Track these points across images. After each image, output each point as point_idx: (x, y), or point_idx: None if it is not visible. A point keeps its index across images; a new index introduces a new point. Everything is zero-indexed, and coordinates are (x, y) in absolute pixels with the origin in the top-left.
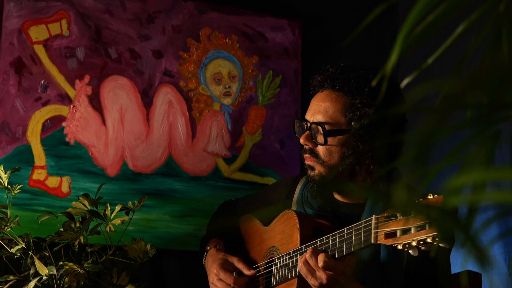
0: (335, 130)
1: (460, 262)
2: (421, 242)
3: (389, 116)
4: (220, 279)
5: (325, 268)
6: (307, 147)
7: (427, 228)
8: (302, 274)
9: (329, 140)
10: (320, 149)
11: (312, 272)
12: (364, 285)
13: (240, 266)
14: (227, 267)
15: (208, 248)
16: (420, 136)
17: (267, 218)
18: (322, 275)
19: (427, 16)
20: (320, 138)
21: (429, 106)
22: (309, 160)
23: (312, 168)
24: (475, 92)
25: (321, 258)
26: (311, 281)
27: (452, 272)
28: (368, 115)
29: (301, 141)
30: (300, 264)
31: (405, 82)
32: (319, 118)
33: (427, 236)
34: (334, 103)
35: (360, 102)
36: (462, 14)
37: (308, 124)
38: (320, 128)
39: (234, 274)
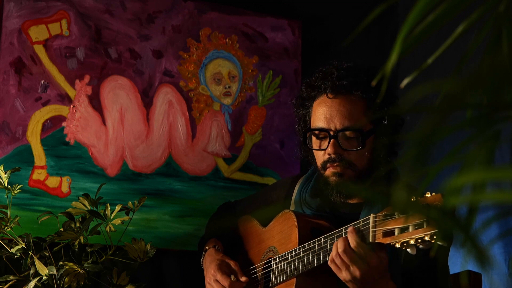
0: (366, 133)
1: (460, 262)
2: (419, 241)
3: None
4: (217, 281)
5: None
6: (334, 155)
7: (425, 226)
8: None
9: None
10: (352, 155)
11: (352, 259)
12: None
13: (236, 269)
14: (224, 269)
15: (207, 247)
16: (420, 136)
17: (266, 218)
18: (357, 264)
19: (427, 16)
20: (354, 143)
21: (429, 106)
22: (337, 168)
23: (341, 175)
24: (475, 92)
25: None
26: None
27: (452, 272)
28: (387, 112)
29: (330, 150)
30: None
31: (405, 82)
32: (346, 123)
33: (425, 234)
34: (355, 106)
35: (379, 100)
36: (462, 14)
37: (332, 133)
38: (352, 133)
39: (231, 278)
